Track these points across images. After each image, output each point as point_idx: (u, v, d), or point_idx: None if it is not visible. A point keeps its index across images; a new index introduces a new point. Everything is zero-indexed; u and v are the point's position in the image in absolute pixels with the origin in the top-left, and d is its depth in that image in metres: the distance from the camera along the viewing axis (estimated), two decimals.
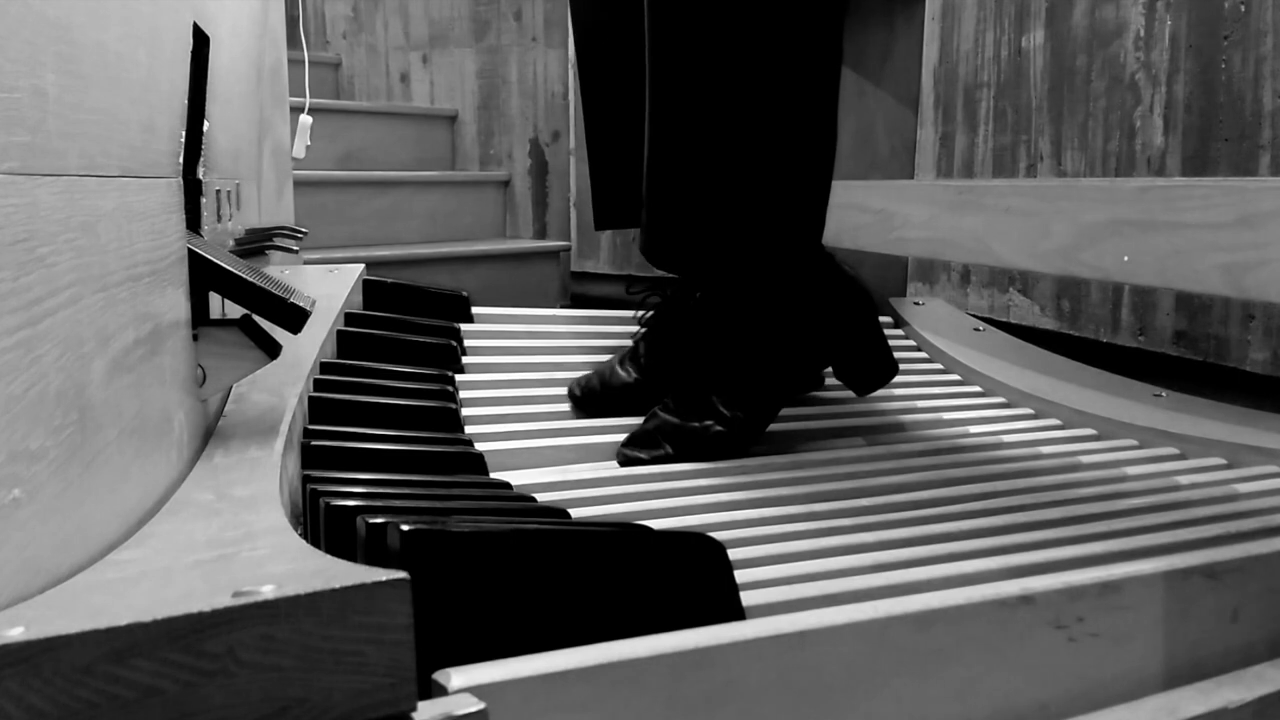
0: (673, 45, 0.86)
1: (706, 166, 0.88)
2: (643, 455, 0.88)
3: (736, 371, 0.89)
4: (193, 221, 0.66)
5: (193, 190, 0.66)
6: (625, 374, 1.01)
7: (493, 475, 0.76)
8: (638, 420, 0.93)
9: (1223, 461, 0.91)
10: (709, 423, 0.88)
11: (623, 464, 0.87)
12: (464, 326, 1.15)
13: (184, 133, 0.62)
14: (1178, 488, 0.82)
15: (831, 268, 0.93)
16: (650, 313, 1.05)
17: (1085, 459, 0.91)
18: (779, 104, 0.86)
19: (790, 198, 0.89)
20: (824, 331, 0.91)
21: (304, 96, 2.03)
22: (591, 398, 1.00)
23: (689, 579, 0.51)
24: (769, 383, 0.89)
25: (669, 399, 0.91)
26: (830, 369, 0.96)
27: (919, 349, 1.30)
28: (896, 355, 0.98)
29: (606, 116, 1.14)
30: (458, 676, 0.39)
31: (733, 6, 0.83)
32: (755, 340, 0.89)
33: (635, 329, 1.07)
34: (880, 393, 1.06)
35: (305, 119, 2.05)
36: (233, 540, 0.43)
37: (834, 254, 0.94)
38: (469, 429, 0.89)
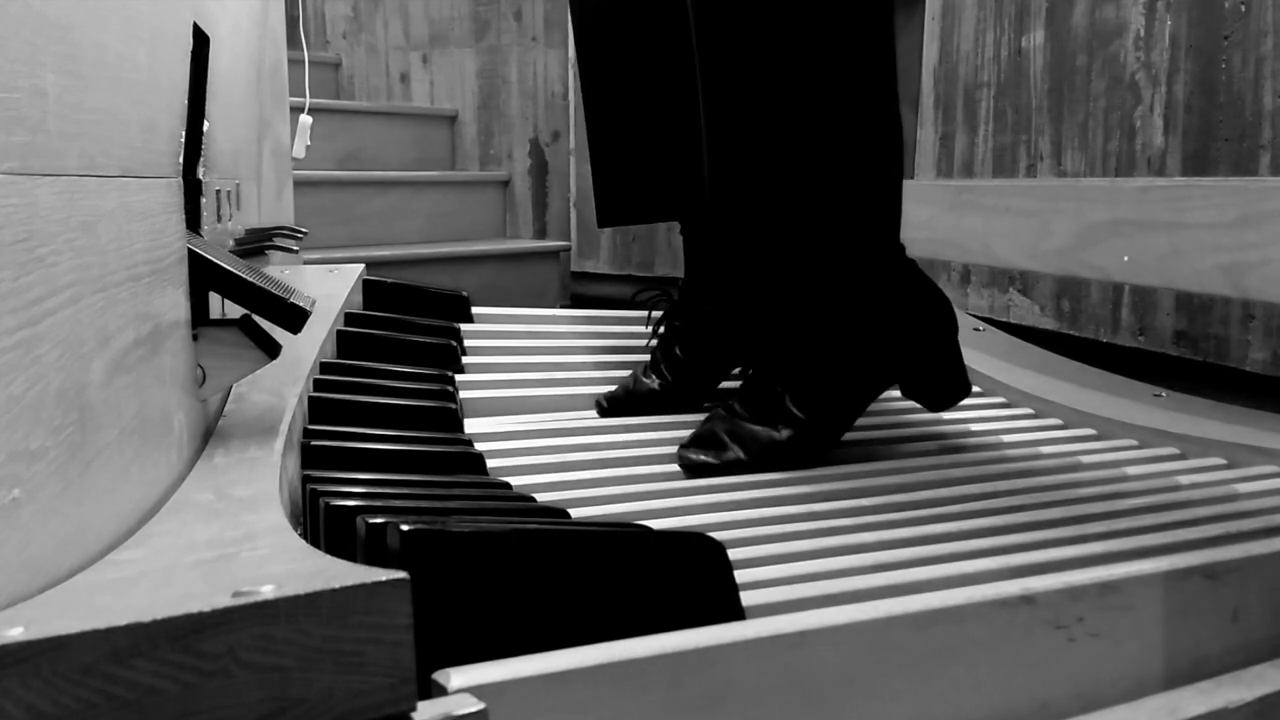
0: (726, 43, 0.83)
1: (772, 170, 0.85)
2: (710, 460, 0.83)
3: (811, 373, 0.85)
4: (193, 221, 0.66)
5: (193, 190, 0.66)
6: (650, 381, 1.00)
7: (492, 475, 0.76)
8: (649, 419, 0.92)
9: (1223, 461, 0.91)
10: (780, 425, 0.84)
11: (686, 467, 0.84)
12: (464, 326, 1.15)
13: (184, 133, 0.62)
14: (1178, 488, 0.82)
15: (914, 272, 0.89)
16: (660, 314, 1.04)
17: (1085, 459, 0.91)
18: (840, 96, 0.83)
19: (862, 191, 0.86)
20: (903, 334, 0.87)
21: (304, 96, 2.03)
22: (617, 406, 0.99)
23: (689, 579, 0.51)
24: (845, 387, 0.86)
25: (734, 400, 0.88)
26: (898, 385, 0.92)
27: None
28: None
29: (608, 113, 1.13)
30: (458, 676, 0.39)
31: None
32: (832, 339, 0.85)
33: (637, 329, 1.06)
34: (882, 395, 1.06)
35: (305, 119, 2.05)
36: (233, 540, 0.43)
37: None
38: (468, 429, 0.89)
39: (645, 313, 1.10)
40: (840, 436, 0.88)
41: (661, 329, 1.03)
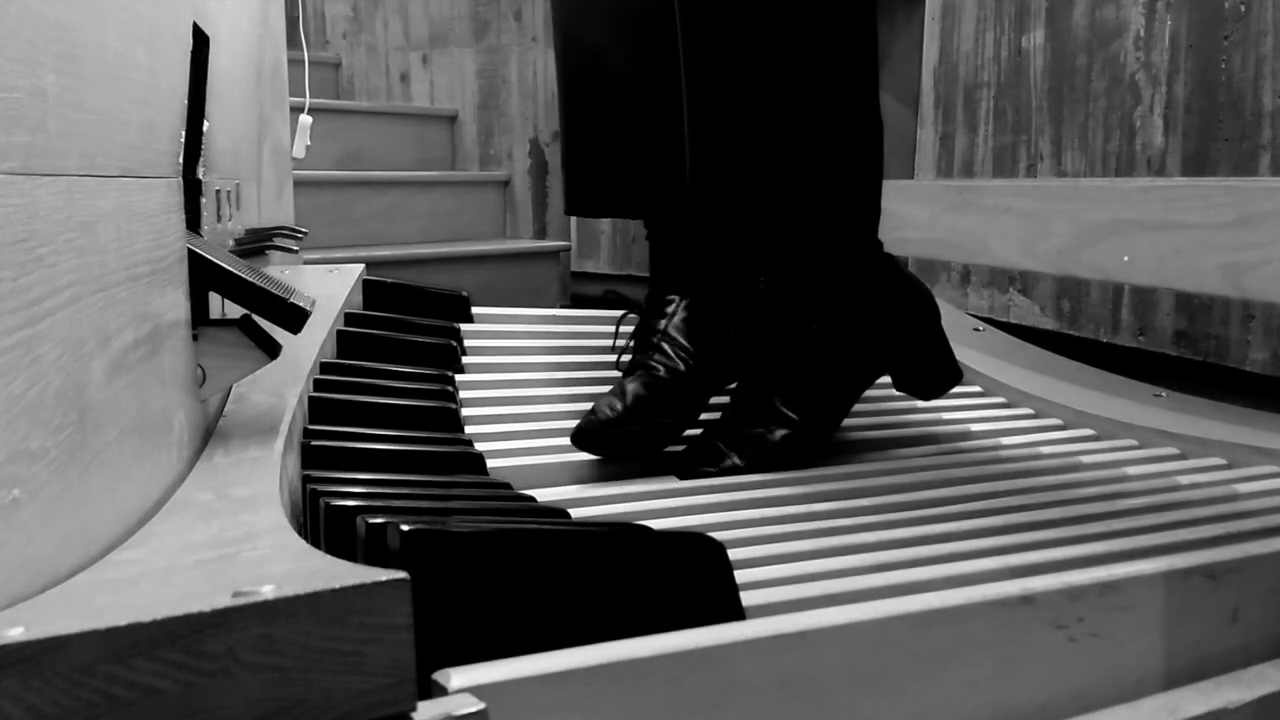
0: (709, 44, 0.84)
1: (753, 169, 0.85)
2: (709, 469, 0.84)
3: (798, 372, 0.86)
4: (193, 221, 0.66)
5: (193, 190, 0.66)
6: (639, 378, 0.89)
7: (492, 475, 0.76)
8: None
9: (1223, 461, 0.91)
10: (773, 426, 0.84)
11: (684, 480, 0.83)
12: (464, 326, 1.15)
13: (184, 133, 0.62)
14: (1178, 488, 0.82)
15: (892, 268, 0.90)
16: (630, 329, 1.01)
17: (1085, 459, 0.91)
18: (821, 95, 0.83)
19: (841, 192, 0.86)
20: (887, 329, 0.88)
21: (304, 96, 2.03)
22: (595, 437, 0.85)
23: (689, 579, 0.51)
24: (832, 383, 0.86)
25: (728, 409, 0.87)
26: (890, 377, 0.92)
27: None
28: None
29: (580, 107, 1.10)
30: (458, 676, 0.39)
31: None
32: (816, 340, 0.86)
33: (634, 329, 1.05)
34: (882, 393, 1.06)
35: (305, 119, 2.04)
36: (233, 540, 0.43)
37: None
38: (468, 429, 0.89)
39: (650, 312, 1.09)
40: (834, 432, 0.88)
41: (631, 343, 0.99)
